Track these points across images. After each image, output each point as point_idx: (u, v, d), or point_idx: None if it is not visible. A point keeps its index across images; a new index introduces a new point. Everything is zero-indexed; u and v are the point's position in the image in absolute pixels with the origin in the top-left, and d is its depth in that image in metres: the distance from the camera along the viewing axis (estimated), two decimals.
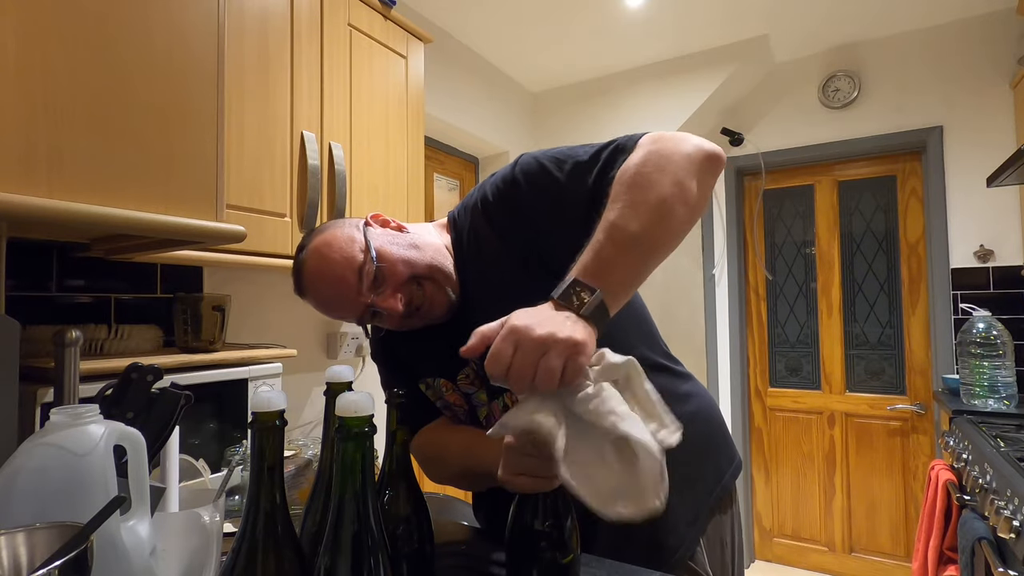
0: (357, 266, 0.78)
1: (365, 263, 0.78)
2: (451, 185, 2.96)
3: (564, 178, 0.78)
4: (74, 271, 1.21)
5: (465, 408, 0.88)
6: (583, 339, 0.57)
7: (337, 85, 1.44)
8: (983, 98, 2.51)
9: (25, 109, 0.63)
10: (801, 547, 2.91)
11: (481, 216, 0.85)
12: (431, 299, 0.82)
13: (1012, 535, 1.16)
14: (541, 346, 0.55)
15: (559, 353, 0.56)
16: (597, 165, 0.77)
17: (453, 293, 0.84)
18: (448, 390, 0.88)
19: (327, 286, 0.80)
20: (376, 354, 1.00)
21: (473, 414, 0.88)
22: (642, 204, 0.66)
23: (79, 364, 0.79)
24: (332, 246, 0.79)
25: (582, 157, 0.79)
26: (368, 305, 0.79)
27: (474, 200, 0.88)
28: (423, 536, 0.66)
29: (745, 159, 3.04)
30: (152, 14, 0.76)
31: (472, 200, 0.89)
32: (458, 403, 0.88)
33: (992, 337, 2.07)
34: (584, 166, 0.78)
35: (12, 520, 0.48)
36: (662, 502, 0.56)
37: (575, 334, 0.57)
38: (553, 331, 0.56)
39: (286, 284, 1.69)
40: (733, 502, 0.93)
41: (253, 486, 0.50)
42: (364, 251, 0.79)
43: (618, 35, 2.68)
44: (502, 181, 0.84)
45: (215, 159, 0.83)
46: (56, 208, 0.65)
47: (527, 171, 0.81)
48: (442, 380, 0.88)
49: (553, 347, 0.55)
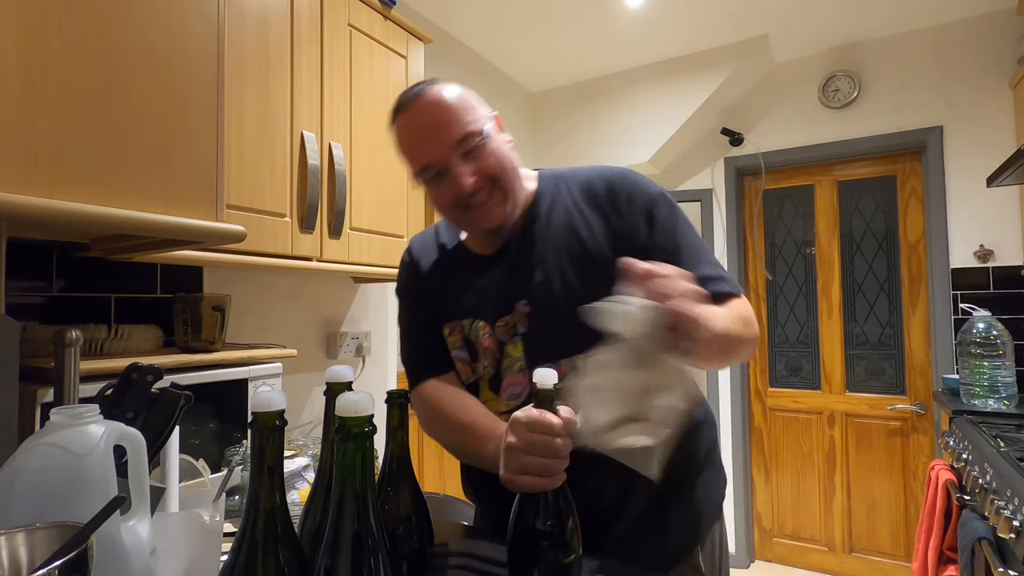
0: (468, 129, 0.82)
1: (475, 133, 0.82)
2: None
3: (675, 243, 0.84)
4: (74, 271, 1.21)
5: (494, 355, 0.88)
6: None
7: (337, 85, 1.44)
8: (983, 98, 2.51)
9: (25, 109, 0.63)
10: (801, 547, 2.91)
11: (592, 196, 0.88)
12: (491, 205, 0.85)
13: (1012, 535, 1.16)
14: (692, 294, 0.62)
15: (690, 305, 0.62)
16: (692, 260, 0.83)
17: (508, 219, 0.87)
18: (486, 334, 0.88)
19: (432, 120, 0.82)
20: (405, 288, 1.01)
21: (497, 366, 0.88)
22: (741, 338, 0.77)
23: (79, 364, 0.79)
24: (464, 99, 0.84)
25: (702, 251, 0.86)
26: (445, 162, 0.82)
27: (588, 180, 0.90)
28: (423, 536, 0.67)
29: (745, 159, 3.04)
30: (152, 14, 0.76)
31: (585, 178, 0.91)
32: (491, 348, 0.88)
33: (992, 337, 2.07)
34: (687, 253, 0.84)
35: (12, 520, 0.48)
36: None
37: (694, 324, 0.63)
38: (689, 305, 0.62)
39: (286, 284, 1.70)
40: None
41: (253, 486, 0.50)
42: (480, 125, 0.83)
43: (618, 35, 2.68)
44: (644, 188, 0.87)
45: (215, 159, 0.83)
46: (56, 208, 0.65)
47: (673, 210, 0.87)
48: (481, 323, 0.89)
49: (694, 294, 0.62)
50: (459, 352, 0.91)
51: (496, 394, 0.88)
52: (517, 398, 0.86)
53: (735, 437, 3.01)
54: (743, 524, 2.97)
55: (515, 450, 0.63)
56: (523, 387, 0.86)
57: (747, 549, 2.98)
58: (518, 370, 0.86)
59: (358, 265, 1.50)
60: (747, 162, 3.03)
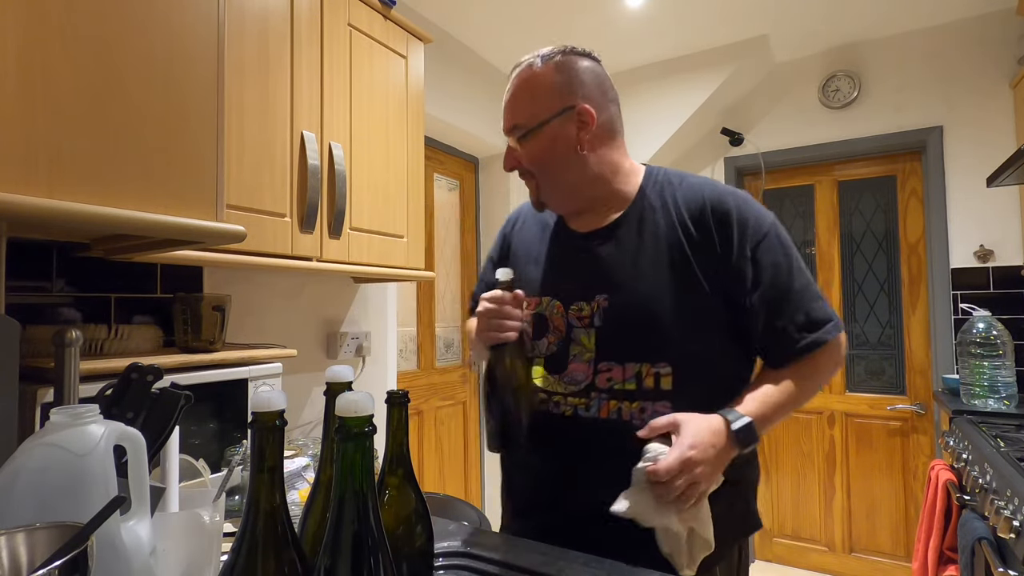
0: (517, 120, 0.91)
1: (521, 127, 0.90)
2: (451, 185, 2.96)
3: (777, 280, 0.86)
4: (74, 271, 1.21)
5: (562, 336, 0.91)
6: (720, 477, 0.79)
7: (337, 85, 1.44)
8: (983, 98, 2.51)
9: (25, 109, 0.63)
10: (801, 547, 2.91)
11: (698, 214, 0.87)
12: (532, 190, 0.95)
13: (1012, 535, 1.16)
14: (700, 482, 0.75)
15: (706, 486, 0.76)
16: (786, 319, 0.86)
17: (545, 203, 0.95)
18: (559, 313, 0.92)
19: (508, 98, 0.93)
20: (496, 244, 1.11)
21: (565, 347, 0.90)
22: (810, 394, 0.87)
23: (79, 364, 0.79)
24: (541, 86, 0.89)
25: (803, 294, 0.87)
26: (507, 136, 0.93)
27: (700, 196, 0.89)
28: (423, 536, 0.66)
29: (745, 159, 3.04)
30: (152, 14, 0.76)
31: (698, 192, 0.90)
32: (560, 328, 0.91)
33: (992, 337, 2.07)
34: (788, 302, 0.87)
35: (12, 520, 0.48)
36: None
37: (718, 472, 0.77)
38: (711, 471, 0.76)
39: (286, 284, 1.70)
40: None
41: (253, 486, 0.50)
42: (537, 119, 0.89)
43: (618, 35, 2.69)
44: (754, 216, 0.87)
45: (215, 159, 0.83)
46: (56, 208, 0.65)
47: (782, 240, 0.89)
48: (557, 303, 0.92)
49: (704, 482, 0.75)
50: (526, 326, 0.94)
51: (552, 374, 0.90)
52: (577, 385, 0.88)
53: None
54: None
55: (480, 317, 0.87)
56: (586, 377, 0.88)
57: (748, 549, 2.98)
58: (587, 360, 0.88)
59: (358, 265, 1.50)
60: (747, 162, 3.03)
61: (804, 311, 0.85)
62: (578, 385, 0.88)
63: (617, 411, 0.84)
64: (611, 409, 0.84)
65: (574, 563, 0.80)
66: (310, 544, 0.60)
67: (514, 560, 0.82)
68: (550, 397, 0.89)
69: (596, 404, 0.85)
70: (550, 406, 0.88)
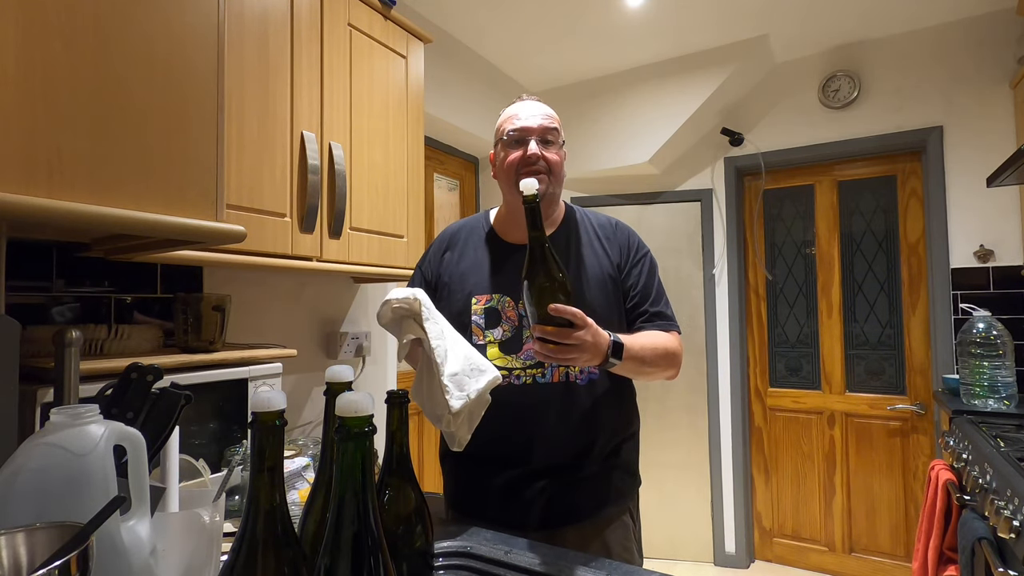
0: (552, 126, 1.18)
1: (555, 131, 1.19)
2: (451, 185, 2.96)
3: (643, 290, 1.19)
4: (74, 271, 1.21)
5: (515, 324, 1.13)
6: (590, 367, 1.09)
7: (337, 85, 1.44)
8: (983, 98, 2.51)
9: (25, 109, 0.63)
10: (801, 547, 2.91)
11: (603, 235, 1.22)
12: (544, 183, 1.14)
13: (1012, 535, 1.16)
14: (577, 356, 0.94)
15: (576, 355, 0.94)
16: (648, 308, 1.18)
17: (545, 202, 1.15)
18: (510, 307, 1.14)
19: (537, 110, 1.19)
20: (427, 262, 1.27)
21: (519, 332, 1.13)
22: (656, 355, 1.10)
23: (79, 364, 0.79)
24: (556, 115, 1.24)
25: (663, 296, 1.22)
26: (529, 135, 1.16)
27: (606, 221, 1.25)
28: (423, 536, 0.67)
29: (745, 159, 3.04)
30: (153, 14, 0.76)
31: (604, 219, 1.26)
32: (512, 318, 1.13)
33: (992, 337, 2.07)
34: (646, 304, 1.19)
35: (12, 520, 0.48)
36: None
37: (587, 356, 0.95)
38: (588, 348, 0.94)
39: (286, 284, 1.70)
40: None
41: (253, 486, 0.50)
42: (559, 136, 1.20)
43: (618, 35, 2.69)
44: (636, 243, 1.23)
45: (215, 159, 0.83)
46: (56, 208, 0.65)
47: (653, 262, 1.24)
48: (508, 298, 1.14)
49: (579, 361, 0.95)
50: (478, 318, 1.14)
51: (508, 355, 1.12)
52: (533, 359, 1.10)
53: (735, 437, 3.01)
54: (743, 524, 2.97)
55: None
56: None
57: (747, 549, 2.99)
58: None
59: (358, 265, 1.50)
60: (747, 162, 3.03)
61: (664, 303, 1.20)
62: (533, 359, 1.09)
63: (565, 374, 1.10)
64: (560, 374, 1.10)
65: (574, 563, 0.80)
66: (310, 544, 0.60)
67: (514, 560, 0.82)
68: (511, 372, 1.10)
69: (549, 372, 1.10)
70: (512, 379, 1.10)
